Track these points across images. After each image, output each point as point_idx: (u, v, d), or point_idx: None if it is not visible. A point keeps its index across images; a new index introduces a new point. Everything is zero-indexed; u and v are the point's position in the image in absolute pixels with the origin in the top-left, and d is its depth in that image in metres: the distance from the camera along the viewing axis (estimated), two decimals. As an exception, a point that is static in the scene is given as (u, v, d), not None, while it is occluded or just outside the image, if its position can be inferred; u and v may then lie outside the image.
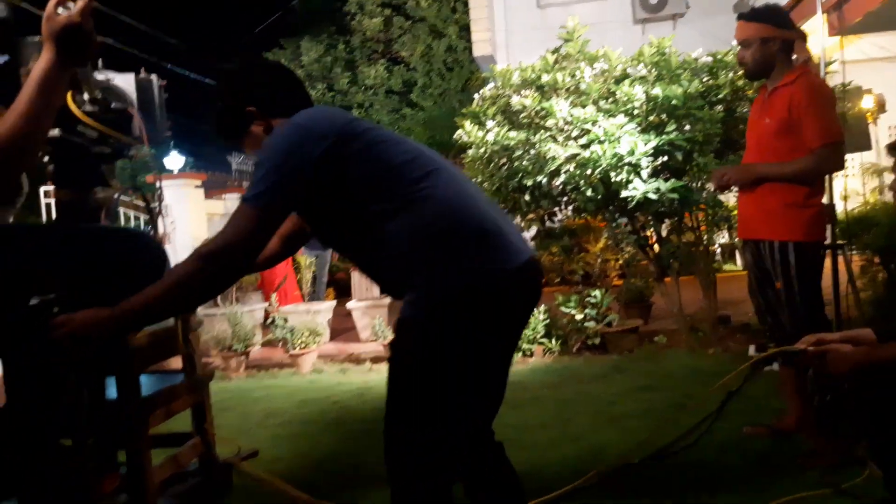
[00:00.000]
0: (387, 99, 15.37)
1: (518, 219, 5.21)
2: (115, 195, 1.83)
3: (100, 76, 1.74)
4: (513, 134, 4.64)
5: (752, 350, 4.35)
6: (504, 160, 4.79)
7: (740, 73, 4.47)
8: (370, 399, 4.34)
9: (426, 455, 1.50)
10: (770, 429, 2.96)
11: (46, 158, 1.78)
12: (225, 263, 1.43)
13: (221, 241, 1.43)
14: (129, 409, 1.63)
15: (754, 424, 3.02)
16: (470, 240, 1.49)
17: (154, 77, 1.89)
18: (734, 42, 2.91)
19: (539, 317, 5.05)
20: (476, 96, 5.29)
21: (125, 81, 1.80)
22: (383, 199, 1.49)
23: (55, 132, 1.67)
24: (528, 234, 5.94)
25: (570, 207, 5.06)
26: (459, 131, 5.05)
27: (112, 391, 1.71)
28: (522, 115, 4.72)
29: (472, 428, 1.62)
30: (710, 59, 4.57)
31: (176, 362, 2.13)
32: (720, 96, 4.53)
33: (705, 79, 4.55)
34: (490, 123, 4.83)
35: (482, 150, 4.83)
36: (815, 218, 2.70)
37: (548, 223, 5.65)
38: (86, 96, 1.68)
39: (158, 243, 1.65)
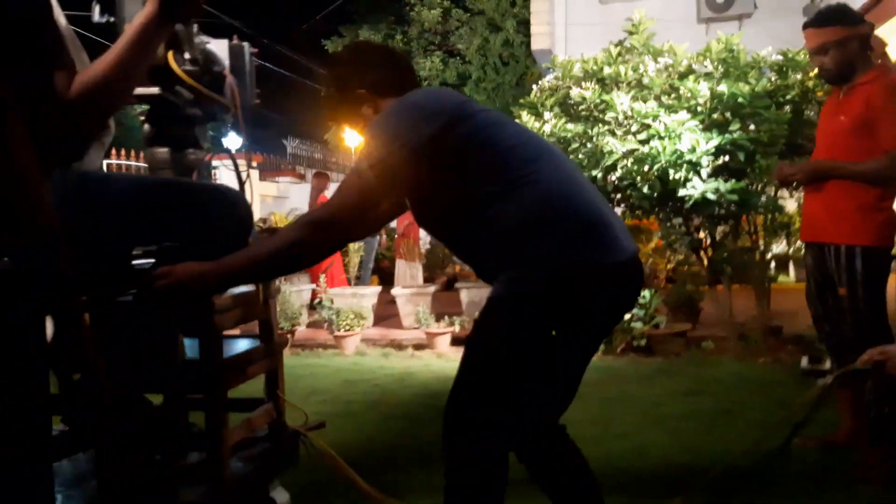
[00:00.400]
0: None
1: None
2: (207, 158, 1.82)
3: (196, 39, 1.73)
4: (570, 126, 4.58)
5: (804, 362, 4.21)
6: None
7: (811, 73, 4.33)
8: (411, 384, 4.36)
9: (490, 436, 1.48)
10: (821, 441, 2.86)
11: (143, 117, 1.79)
12: (328, 231, 1.46)
13: (327, 210, 1.46)
14: (211, 369, 1.60)
15: (805, 436, 2.93)
16: (573, 229, 1.46)
17: (246, 44, 1.87)
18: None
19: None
20: (534, 87, 5.24)
21: (219, 46, 1.79)
22: (490, 181, 1.48)
23: (155, 90, 1.67)
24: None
25: (624, 205, 4.97)
26: (515, 122, 5.01)
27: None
28: (581, 108, 4.65)
29: (542, 416, 1.60)
30: (780, 57, 4.43)
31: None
32: (788, 97, 4.39)
33: (773, 78, 4.41)
34: (547, 115, 4.77)
35: (538, 141, 4.77)
36: (886, 222, 2.59)
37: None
38: (186, 56, 1.67)
39: (247, 201, 1.64)
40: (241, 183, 1.80)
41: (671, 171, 4.23)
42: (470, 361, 1.52)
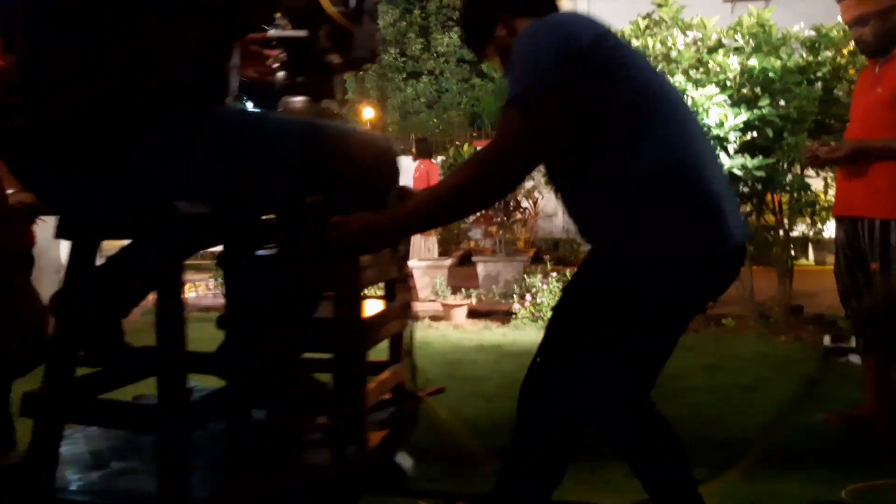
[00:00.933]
0: (457, 67, 15.24)
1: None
2: (341, 109, 1.74)
3: None
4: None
5: (827, 340, 4.20)
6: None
7: (844, 50, 4.26)
8: (428, 353, 4.36)
9: (567, 414, 1.43)
10: (846, 416, 2.85)
11: (276, 65, 1.70)
12: (503, 167, 1.34)
13: (495, 146, 1.34)
14: (353, 329, 1.53)
15: (829, 411, 2.92)
16: (689, 210, 1.34)
17: None
18: (839, 18, 2.74)
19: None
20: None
21: None
22: (620, 123, 1.35)
23: (302, 33, 1.58)
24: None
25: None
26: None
27: None
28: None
29: (626, 398, 1.53)
30: (812, 32, 4.35)
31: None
32: (819, 74, 4.32)
33: (804, 54, 4.34)
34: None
35: (561, 113, 4.72)
36: (923, 198, 2.55)
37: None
38: None
39: (395, 151, 1.54)
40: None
41: (697, 146, 4.18)
42: (555, 334, 1.46)
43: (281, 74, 1.69)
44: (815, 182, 4.61)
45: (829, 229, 5.35)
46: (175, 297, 1.27)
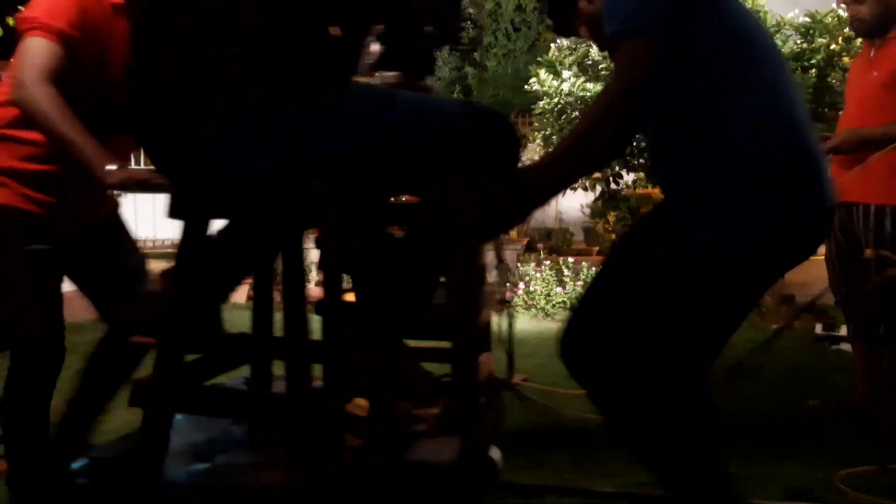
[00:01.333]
0: (449, 56, 15.15)
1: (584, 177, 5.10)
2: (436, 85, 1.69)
3: None
4: (590, 85, 4.51)
5: (818, 329, 4.22)
6: (577, 113, 4.67)
7: (840, 38, 4.26)
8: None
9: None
10: (836, 403, 2.86)
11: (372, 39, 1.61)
12: (634, 100, 1.22)
13: (621, 80, 1.22)
14: (466, 313, 1.42)
15: (820, 398, 2.92)
16: (791, 183, 1.24)
17: None
18: (833, 5, 2.73)
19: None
20: (553, 46, 5.16)
21: None
22: (726, 69, 1.25)
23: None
24: (593, 195, 5.81)
25: (641, 171, 4.92)
26: (532, 80, 4.94)
27: None
28: (602, 67, 4.58)
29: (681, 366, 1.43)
30: (807, 19, 4.34)
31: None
32: (813, 61, 4.31)
33: (799, 41, 4.33)
34: (566, 73, 4.70)
35: (555, 100, 4.71)
36: (919, 184, 2.54)
37: (612, 185, 5.51)
38: None
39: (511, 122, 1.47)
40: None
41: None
42: (624, 278, 1.35)
43: (377, 47, 1.59)
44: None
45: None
46: (298, 281, 1.23)
